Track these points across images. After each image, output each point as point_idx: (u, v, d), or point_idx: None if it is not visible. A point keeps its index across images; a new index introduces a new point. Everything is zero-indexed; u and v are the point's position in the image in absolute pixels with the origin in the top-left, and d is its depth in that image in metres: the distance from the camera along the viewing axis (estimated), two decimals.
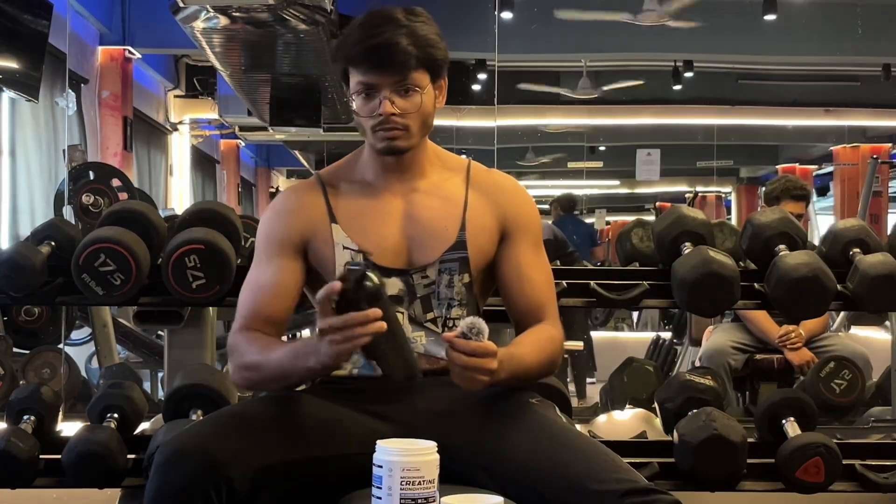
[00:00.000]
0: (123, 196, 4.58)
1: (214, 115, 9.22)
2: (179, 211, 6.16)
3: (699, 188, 13.20)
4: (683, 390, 2.67)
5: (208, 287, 2.54)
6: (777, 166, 12.57)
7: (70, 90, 6.03)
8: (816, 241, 3.73)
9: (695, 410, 2.59)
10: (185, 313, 2.88)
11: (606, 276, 2.73)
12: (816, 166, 12.78)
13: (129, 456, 2.56)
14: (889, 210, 10.45)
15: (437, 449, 1.52)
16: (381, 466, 1.50)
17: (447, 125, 8.69)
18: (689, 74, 8.61)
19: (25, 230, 5.60)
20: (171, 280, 2.54)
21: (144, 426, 2.78)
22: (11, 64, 5.32)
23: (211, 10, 5.39)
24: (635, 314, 9.29)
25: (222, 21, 5.57)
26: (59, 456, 2.53)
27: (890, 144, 10.94)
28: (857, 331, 5.70)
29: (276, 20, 5.50)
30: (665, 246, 2.66)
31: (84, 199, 4.57)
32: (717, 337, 4.09)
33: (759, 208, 7.44)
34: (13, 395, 2.66)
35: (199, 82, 8.95)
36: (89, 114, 7.14)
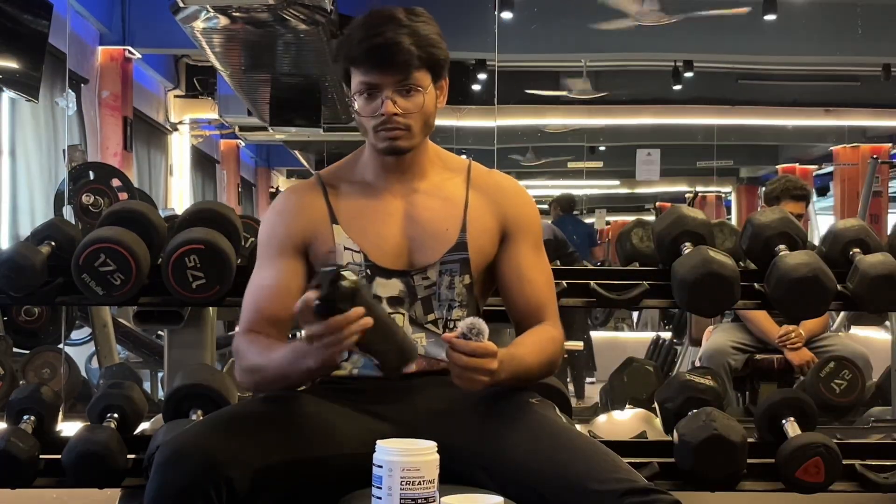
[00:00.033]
0: (123, 196, 4.57)
1: (214, 115, 9.22)
2: (179, 211, 6.16)
3: (699, 188, 13.20)
4: (683, 390, 2.67)
5: (208, 287, 2.54)
6: (777, 166, 12.57)
7: (70, 90, 6.03)
8: (816, 241, 3.73)
9: (695, 410, 2.59)
10: (185, 313, 2.88)
11: (606, 276, 2.73)
12: (816, 166, 12.78)
13: (129, 456, 2.56)
14: (889, 210, 10.45)
15: (437, 449, 1.52)
16: (381, 466, 1.50)
17: (447, 125, 8.69)
18: (689, 74, 8.61)
19: (25, 230, 5.60)
20: (171, 280, 2.54)
21: (144, 426, 2.78)
22: (11, 64, 5.32)
23: (211, 10, 5.39)
24: (635, 314, 9.29)
25: (222, 21, 5.57)
26: (59, 456, 2.53)
27: (890, 144, 10.94)
28: (857, 331, 5.70)
29: (276, 20, 5.50)
30: (665, 246, 2.66)
31: (84, 199, 4.56)
32: (717, 337, 4.09)
33: (759, 208, 7.45)
34: (13, 395, 2.66)
35: (199, 82, 8.95)
36: (89, 114, 7.14)
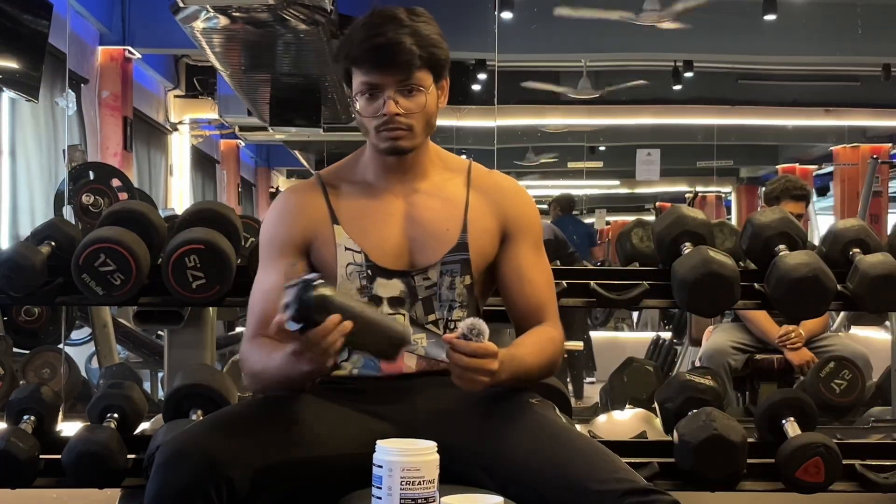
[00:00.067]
0: (123, 196, 4.57)
1: (214, 115, 9.21)
2: (179, 211, 6.16)
3: (699, 188, 13.19)
4: (683, 390, 2.67)
5: (208, 287, 2.54)
6: (777, 166, 12.57)
7: (70, 90, 6.02)
8: (816, 241, 3.73)
9: (695, 410, 2.59)
10: (185, 313, 2.88)
11: (606, 276, 2.73)
12: (816, 166, 12.78)
13: (129, 456, 2.56)
14: (889, 210, 10.45)
15: (437, 449, 1.52)
16: (381, 466, 1.50)
17: (447, 125, 8.69)
18: (689, 74, 8.61)
19: (25, 230, 5.60)
20: (171, 280, 2.54)
21: (144, 426, 2.78)
22: (11, 64, 5.32)
23: (211, 10, 5.39)
24: (635, 314, 9.29)
25: (222, 21, 5.57)
26: (59, 456, 2.53)
27: (890, 144, 10.94)
28: (857, 331, 5.70)
29: (276, 20, 5.50)
30: (665, 246, 2.66)
31: (84, 199, 4.56)
32: (717, 337, 4.09)
33: (759, 208, 7.44)
34: (13, 395, 2.66)
35: (199, 82, 8.94)
36: (89, 114, 7.14)
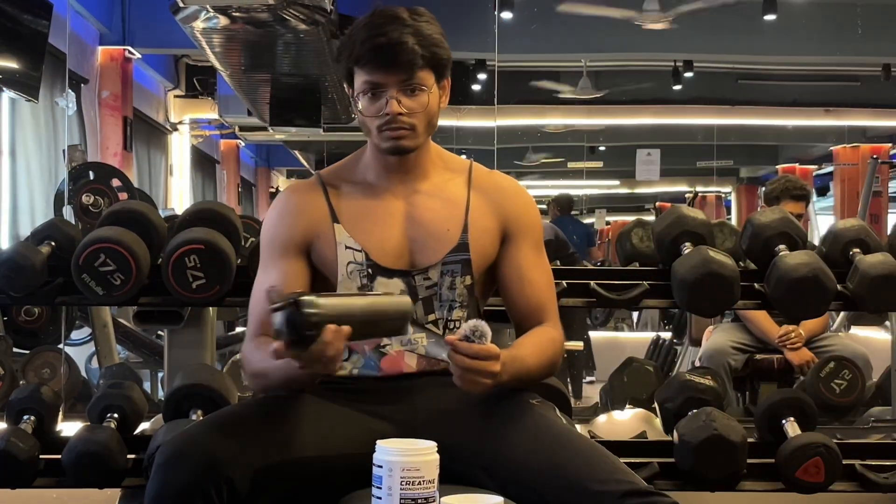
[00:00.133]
0: (123, 196, 4.57)
1: (214, 115, 9.21)
2: (179, 211, 6.16)
3: (699, 188, 13.19)
4: (683, 390, 2.67)
5: (208, 287, 2.54)
6: (777, 166, 12.57)
7: (70, 90, 6.02)
8: (816, 241, 3.73)
9: (695, 410, 2.59)
10: (185, 313, 2.88)
11: (606, 276, 2.72)
12: (816, 166, 12.78)
13: (129, 456, 2.56)
14: (889, 210, 10.45)
15: (437, 449, 1.52)
16: (381, 466, 1.50)
17: (447, 125, 8.68)
18: (689, 74, 8.60)
19: (25, 230, 5.60)
20: (171, 280, 2.54)
21: (144, 426, 2.78)
22: (11, 64, 5.32)
23: (211, 10, 5.39)
24: (635, 314, 9.29)
25: (222, 21, 5.57)
26: (59, 456, 2.53)
27: (890, 144, 10.93)
28: (857, 331, 5.70)
29: (276, 20, 5.50)
30: (665, 246, 2.66)
31: (84, 199, 4.56)
32: (717, 337, 4.09)
33: (759, 208, 7.44)
34: (13, 395, 2.65)
35: (199, 82, 8.94)
36: (89, 114, 7.14)
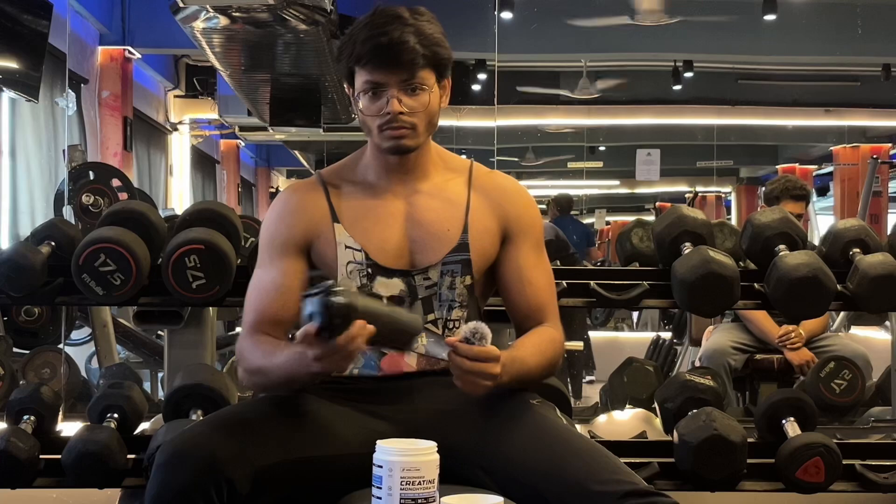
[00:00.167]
0: (123, 196, 4.57)
1: (214, 115, 9.21)
2: (179, 211, 6.16)
3: (699, 188, 13.19)
4: (683, 390, 2.67)
5: (208, 287, 2.54)
6: (777, 166, 12.56)
7: (70, 90, 6.02)
8: (816, 241, 3.73)
9: (695, 410, 2.58)
10: (185, 313, 2.88)
11: (606, 276, 2.72)
12: (816, 166, 12.78)
13: (129, 456, 2.55)
14: (889, 210, 10.45)
15: (437, 449, 1.52)
16: (381, 466, 1.50)
17: (447, 125, 8.68)
18: (689, 74, 8.60)
19: (25, 230, 5.60)
20: (171, 280, 2.54)
21: (144, 426, 2.77)
22: (11, 64, 5.32)
23: (211, 10, 5.38)
24: (635, 314, 9.29)
25: (222, 21, 5.57)
26: (59, 456, 2.53)
27: (890, 144, 10.93)
28: (857, 331, 5.70)
29: (276, 20, 5.50)
30: (665, 246, 2.66)
31: (84, 199, 4.56)
32: (717, 337, 4.09)
33: (759, 208, 7.45)
34: (13, 395, 2.65)
35: (199, 82, 8.94)
36: (89, 114, 7.14)
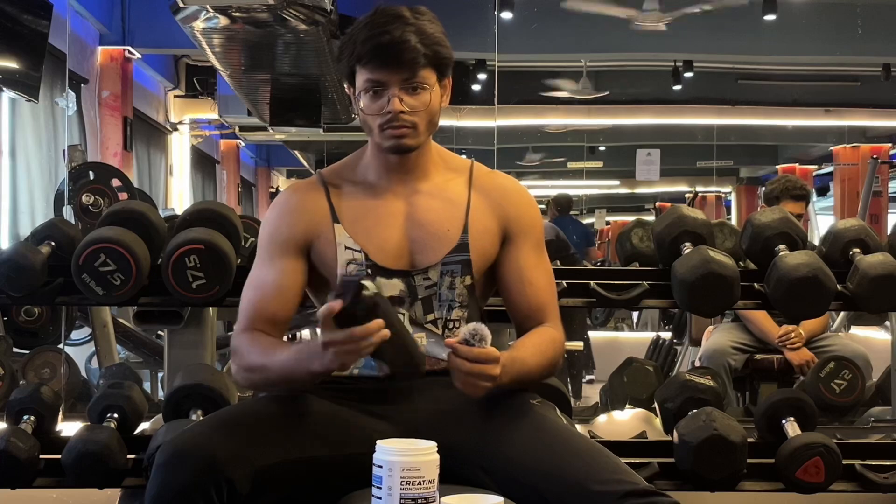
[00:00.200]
0: (123, 196, 4.57)
1: (214, 115, 9.22)
2: (179, 211, 6.15)
3: (699, 188, 13.20)
4: (683, 390, 2.67)
5: (208, 287, 2.54)
6: (777, 166, 12.57)
7: (70, 90, 6.02)
8: (816, 241, 3.73)
9: (695, 410, 2.58)
10: (185, 313, 2.88)
11: (606, 276, 2.72)
12: (816, 166, 12.79)
13: (129, 456, 2.55)
14: (889, 210, 10.46)
15: (437, 449, 1.52)
16: (381, 466, 1.50)
17: (447, 125, 8.68)
18: (689, 74, 8.61)
19: (25, 230, 5.60)
20: (171, 280, 2.54)
21: (144, 426, 2.77)
22: (11, 64, 5.32)
23: (211, 10, 5.39)
24: (635, 314, 9.29)
25: (222, 21, 5.57)
26: (59, 456, 2.53)
27: (890, 144, 10.94)
28: (857, 331, 5.70)
29: (276, 20, 5.50)
30: (665, 246, 2.66)
31: (84, 199, 4.56)
32: (717, 337, 4.09)
33: (759, 208, 7.45)
34: (13, 395, 2.65)
35: (199, 82, 8.94)
36: (89, 114, 7.14)
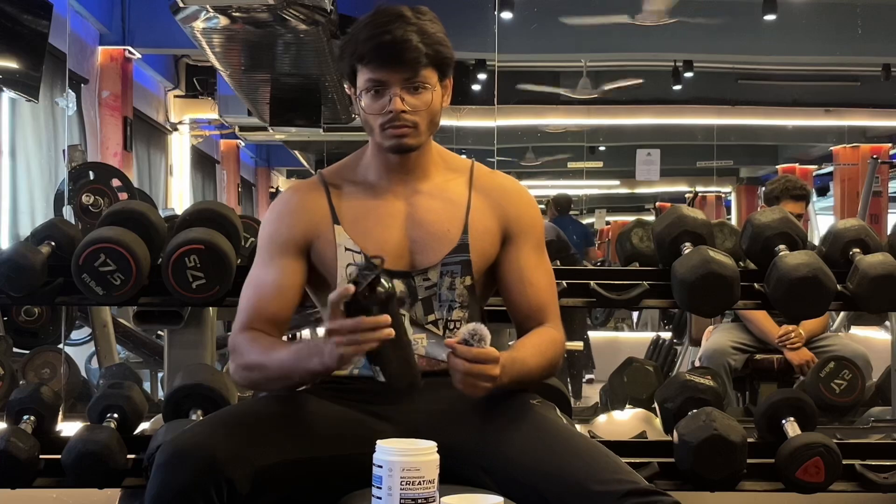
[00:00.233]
0: (123, 196, 4.57)
1: (214, 115, 9.22)
2: (179, 211, 6.15)
3: (699, 188, 13.20)
4: (683, 390, 2.67)
5: (208, 287, 2.54)
6: (777, 166, 12.57)
7: (70, 90, 6.02)
8: (816, 241, 3.73)
9: (695, 410, 2.58)
10: (185, 313, 2.88)
11: (606, 276, 2.72)
12: (816, 166, 12.79)
13: (129, 456, 2.55)
14: (889, 210, 10.46)
15: (437, 449, 1.52)
16: (381, 466, 1.50)
17: (447, 125, 8.68)
18: (689, 74, 8.61)
19: (25, 230, 5.60)
20: (171, 280, 2.54)
21: (144, 426, 2.77)
22: (11, 64, 5.32)
23: (211, 10, 5.39)
24: (635, 314, 9.29)
25: (222, 21, 5.57)
26: (59, 456, 2.53)
27: (890, 144, 10.94)
28: (857, 331, 5.70)
29: (276, 20, 5.50)
30: (665, 246, 2.66)
31: (84, 199, 4.56)
32: (717, 337, 4.09)
33: (759, 208, 7.45)
34: (13, 395, 2.65)
35: (199, 82, 8.94)
36: (89, 114, 7.14)
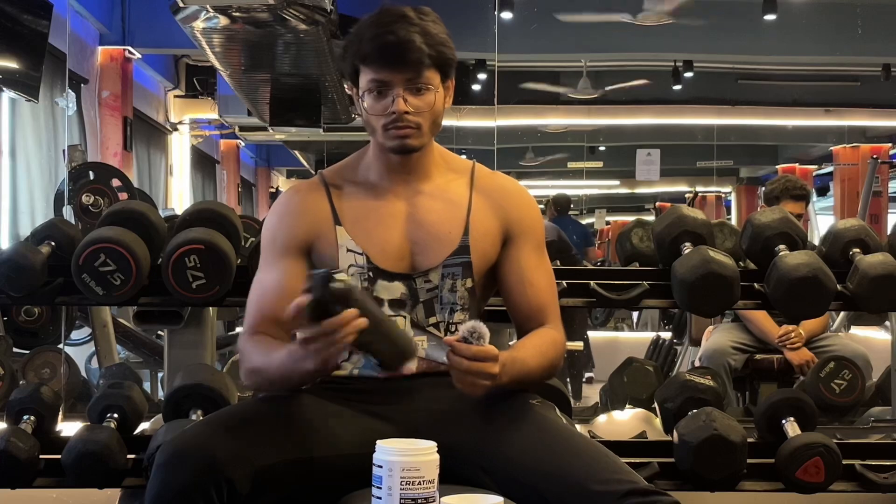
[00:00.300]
0: (123, 196, 4.57)
1: (214, 115, 9.22)
2: (179, 211, 6.16)
3: (699, 188, 13.20)
4: (683, 390, 2.67)
5: (208, 287, 2.54)
6: (777, 166, 12.58)
7: (70, 90, 6.02)
8: (816, 241, 3.73)
9: (695, 410, 2.58)
10: (185, 313, 2.88)
11: (606, 276, 2.72)
12: (816, 166, 12.79)
13: (129, 456, 2.56)
14: (889, 210, 10.46)
15: (437, 449, 1.52)
16: (381, 466, 1.50)
17: (447, 125, 8.60)
18: (689, 74, 8.61)
19: (25, 230, 5.60)
20: (171, 280, 2.54)
21: (144, 426, 2.77)
22: (11, 64, 5.32)
23: (211, 10, 5.38)
24: (635, 314, 9.29)
25: (222, 21, 5.57)
26: (59, 456, 2.53)
27: (890, 144, 10.94)
28: (857, 331, 5.70)
29: (276, 20, 5.50)
30: (665, 246, 2.66)
31: (84, 199, 4.56)
32: (717, 337, 4.09)
33: (759, 208, 7.45)
34: (13, 395, 2.65)
35: (199, 82, 8.94)
36: (89, 114, 7.14)
